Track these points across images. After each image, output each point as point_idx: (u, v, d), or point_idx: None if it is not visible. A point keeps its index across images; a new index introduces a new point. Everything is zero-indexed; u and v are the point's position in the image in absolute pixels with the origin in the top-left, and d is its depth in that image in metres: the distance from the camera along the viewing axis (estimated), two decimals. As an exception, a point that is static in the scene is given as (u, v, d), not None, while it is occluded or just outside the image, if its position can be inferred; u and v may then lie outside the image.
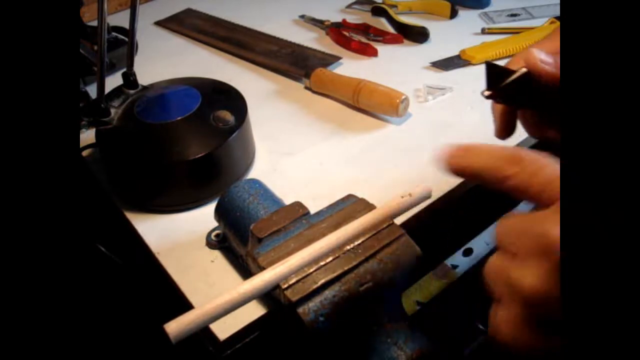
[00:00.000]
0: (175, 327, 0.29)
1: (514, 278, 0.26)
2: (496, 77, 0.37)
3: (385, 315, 0.33)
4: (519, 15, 0.80)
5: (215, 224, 0.46)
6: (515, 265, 0.27)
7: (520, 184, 0.29)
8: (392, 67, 0.71)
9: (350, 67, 0.73)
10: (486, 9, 0.83)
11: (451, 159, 0.32)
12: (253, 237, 0.38)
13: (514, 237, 0.28)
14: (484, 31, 0.76)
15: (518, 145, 0.56)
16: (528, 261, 0.26)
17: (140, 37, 0.79)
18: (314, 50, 0.76)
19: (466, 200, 0.52)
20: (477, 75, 0.67)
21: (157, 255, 0.47)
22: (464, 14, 0.83)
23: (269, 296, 0.33)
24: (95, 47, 0.70)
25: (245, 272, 0.45)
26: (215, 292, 0.43)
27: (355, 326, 0.33)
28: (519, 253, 0.27)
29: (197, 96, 0.53)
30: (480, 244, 0.55)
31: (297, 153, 0.58)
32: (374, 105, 0.61)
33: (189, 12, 0.93)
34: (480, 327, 0.54)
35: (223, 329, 0.40)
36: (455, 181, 0.51)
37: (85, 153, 0.59)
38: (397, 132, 0.60)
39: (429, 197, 0.37)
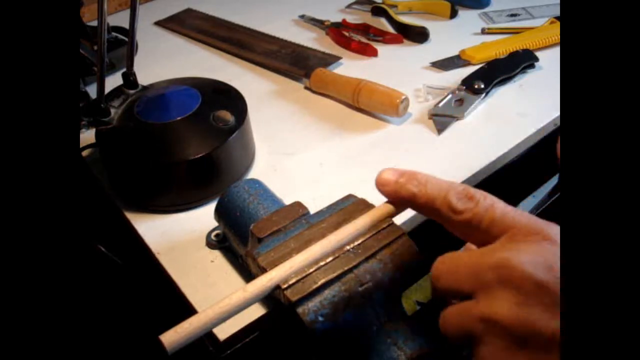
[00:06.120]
0: (170, 337, 0.29)
1: (486, 314, 0.27)
2: None
3: (385, 315, 0.33)
4: (519, 15, 0.80)
5: (215, 224, 0.46)
6: (481, 301, 0.28)
7: (473, 218, 0.30)
8: (392, 67, 0.71)
9: (350, 67, 0.73)
10: (486, 9, 0.83)
11: (400, 185, 0.34)
12: (253, 237, 0.38)
13: (466, 274, 0.29)
14: (484, 31, 0.76)
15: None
16: (493, 293, 0.27)
17: (140, 37, 0.79)
18: (314, 50, 0.76)
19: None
20: (477, 75, 0.67)
21: (157, 255, 0.47)
22: (464, 14, 0.83)
23: (269, 296, 0.33)
24: (95, 47, 0.70)
25: (245, 272, 0.45)
26: (215, 292, 0.43)
27: (355, 326, 0.33)
28: (479, 288, 0.28)
29: (197, 96, 0.53)
30: (480, 244, 0.55)
31: (297, 153, 0.58)
32: (374, 105, 0.61)
33: (189, 12, 0.93)
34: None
35: (223, 329, 0.40)
36: (454, 181, 0.51)
37: (85, 153, 0.59)
38: (397, 132, 0.60)
39: None
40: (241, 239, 0.41)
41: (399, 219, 0.37)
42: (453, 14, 0.81)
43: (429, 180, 0.33)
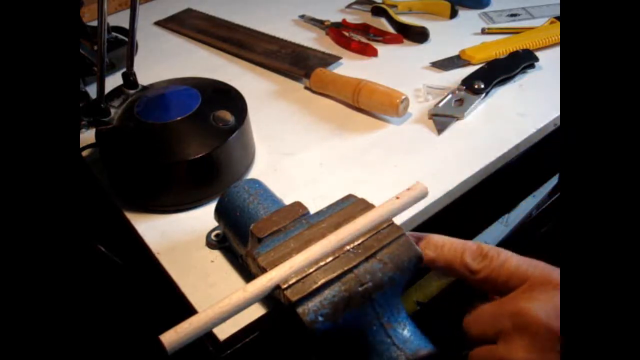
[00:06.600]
0: (170, 337, 0.29)
1: (505, 357, 0.30)
2: None
3: (385, 315, 0.33)
4: (519, 15, 0.80)
5: (215, 224, 0.46)
6: (501, 346, 0.31)
7: (490, 275, 0.33)
8: (392, 67, 0.71)
9: (350, 67, 0.73)
10: (486, 9, 0.83)
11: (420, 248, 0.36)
12: (253, 237, 0.38)
13: (489, 322, 0.32)
14: (484, 31, 0.76)
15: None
16: (511, 338, 0.30)
17: (140, 37, 0.79)
18: (314, 50, 0.76)
19: (465, 201, 0.52)
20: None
21: (157, 255, 0.47)
22: (464, 14, 0.83)
23: (269, 296, 0.33)
24: (95, 47, 0.70)
25: (245, 272, 0.45)
26: (215, 292, 0.43)
27: (355, 326, 0.33)
28: (500, 334, 0.31)
29: (197, 96, 0.53)
30: (480, 244, 0.55)
31: (297, 153, 0.58)
32: (374, 105, 0.61)
33: (189, 12, 0.93)
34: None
35: (223, 329, 0.40)
36: (453, 181, 0.51)
37: (85, 153, 0.59)
38: (397, 132, 0.60)
39: (424, 196, 0.38)
40: (241, 239, 0.41)
41: (399, 219, 0.37)
42: (453, 14, 0.81)
43: (445, 243, 0.36)
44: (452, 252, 0.35)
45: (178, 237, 0.49)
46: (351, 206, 0.38)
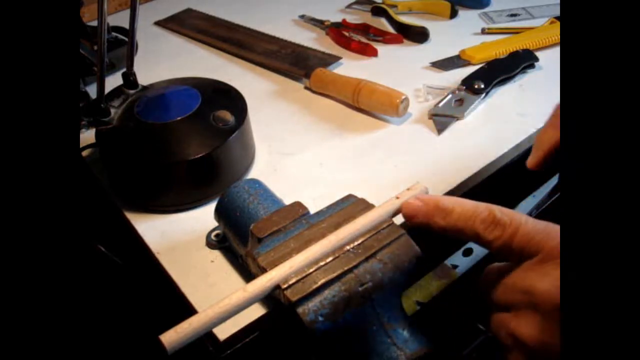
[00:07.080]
0: (170, 337, 0.29)
1: (513, 329, 0.30)
2: None
3: (385, 315, 0.33)
4: (519, 15, 0.80)
5: (215, 224, 0.46)
6: (512, 317, 0.31)
7: (503, 246, 0.32)
8: (392, 67, 0.71)
9: (350, 67, 0.73)
10: (486, 9, 0.83)
11: (428, 218, 0.35)
12: (253, 237, 0.38)
13: (502, 291, 0.32)
14: (484, 31, 0.76)
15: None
16: (522, 312, 0.30)
17: (140, 37, 0.79)
18: (314, 50, 0.76)
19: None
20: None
21: (157, 255, 0.47)
22: (464, 14, 0.83)
23: (269, 296, 0.33)
24: (95, 47, 0.69)
25: (245, 272, 0.45)
26: (215, 292, 0.43)
27: (355, 326, 0.33)
28: (512, 308, 0.31)
29: (197, 96, 0.53)
30: (480, 244, 0.55)
31: (297, 153, 0.58)
32: (374, 105, 0.61)
33: (189, 12, 0.93)
34: (481, 327, 0.54)
35: (223, 329, 0.40)
36: (453, 181, 0.51)
37: (85, 153, 0.59)
38: (397, 132, 0.60)
39: None
40: (241, 239, 0.41)
41: (399, 219, 0.37)
42: (453, 14, 0.81)
43: (455, 208, 0.34)
44: (462, 220, 0.33)
45: (178, 237, 0.49)
46: (351, 206, 0.38)
